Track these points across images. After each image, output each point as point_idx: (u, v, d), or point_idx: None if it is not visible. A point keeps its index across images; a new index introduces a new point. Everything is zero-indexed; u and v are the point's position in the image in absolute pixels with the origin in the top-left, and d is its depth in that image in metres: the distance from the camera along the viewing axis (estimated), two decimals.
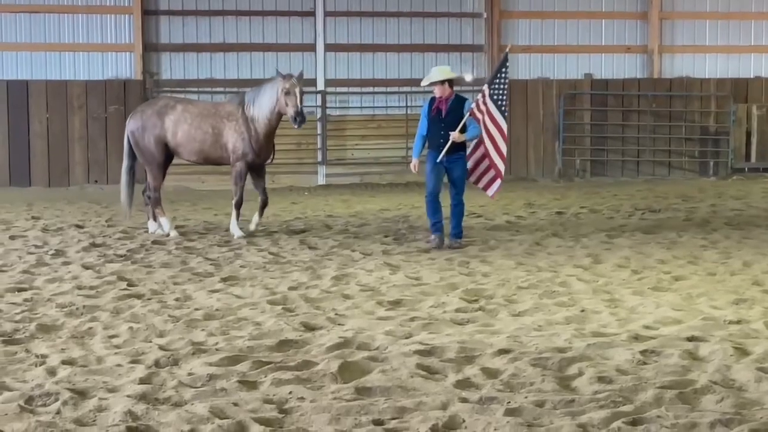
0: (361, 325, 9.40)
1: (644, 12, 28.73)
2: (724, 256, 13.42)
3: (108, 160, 25.27)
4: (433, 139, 13.91)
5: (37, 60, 26.17)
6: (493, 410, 6.76)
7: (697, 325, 9.29)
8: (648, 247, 14.29)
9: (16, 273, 12.25)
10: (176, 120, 15.58)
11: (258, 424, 6.50)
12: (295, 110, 14.39)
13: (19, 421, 6.55)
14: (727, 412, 6.72)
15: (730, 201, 20.36)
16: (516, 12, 28.55)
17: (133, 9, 26.34)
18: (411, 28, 28.00)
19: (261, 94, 15.16)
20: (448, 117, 13.71)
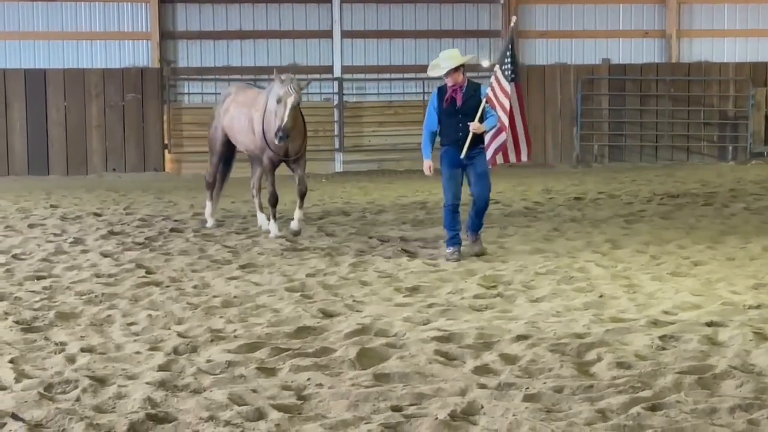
0: (379, 312, 9.40)
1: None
2: (744, 240, 13.37)
3: (125, 147, 25.32)
4: (450, 134, 12.00)
5: (55, 48, 26.17)
6: (512, 396, 6.76)
7: (717, 310, 9.26)
8: (667, 232, 14.25)
9: (35, 261, 12.30)
10: (226, 108, 15.16)
11: (276, 410, 6.50)
12: (278, 124, 13.16)
13: (39, 408, 6.57)
14: (747, 397, 6.70)
15: (749, 185, 20.29)
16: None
17: None
18: (427, 14, 27.96)
19: (271, 89, 14.10)
20: (464, 107, 11.80)
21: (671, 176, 22.98)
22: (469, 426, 6.22)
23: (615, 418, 6.34)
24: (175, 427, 6.21)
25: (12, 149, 24.90)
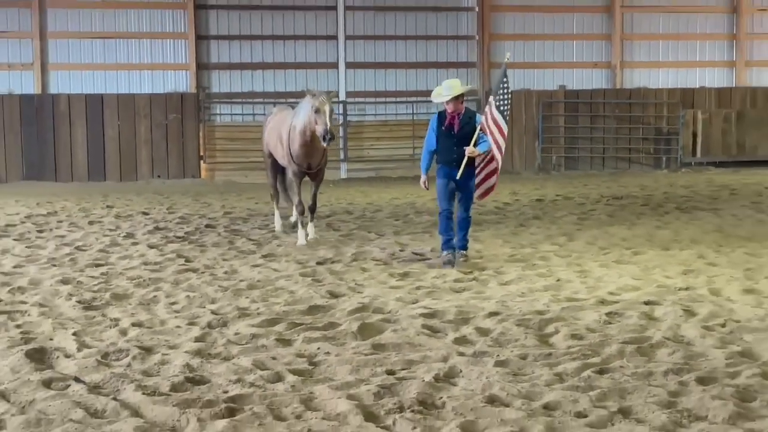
0: (376, 293, 9.43)
1: (608, 34, 28.66)
2: (675, 234, 13.39)
3: (168, 158, 25.33)
4: (446, 155, 11.13)
5: (110, 77, 26.24)
6: (485, 362, 6.79)
7: (653, 292, 9.30)
8: (612, 227, 14.26)
9: (94, 252, 12.29)
10: (267, 128, 14.33)
11: (292, 374, 6.53)
12: (324, 128, 11.86)
13: (97, 372, 6.59)
14: (678, 363, 6.74)
15: (679, 189, 20.30)
16: (502, 34, 28.49)
17: (188, 35, 26.41)
18: (416, 49, 28.01)
19: (301, 107, 12.75)
20: (460, 132, 11.00)
21: (616, 182, 22.99)
22: (450, 387, 6.23)
23: (570, 380, 6.36)
24: (209, 388, 6.23)
25: (75, 160, 24.89)
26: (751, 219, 15.03)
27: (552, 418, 5.54)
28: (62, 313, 8.57)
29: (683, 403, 5.79)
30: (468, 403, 5.83)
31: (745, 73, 29.73)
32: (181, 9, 26.51)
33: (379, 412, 5.69)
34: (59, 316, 8.47)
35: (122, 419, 5.59)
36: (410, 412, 5.69)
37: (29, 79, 25.83)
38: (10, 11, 25.55)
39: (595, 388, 6.10)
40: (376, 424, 5.47)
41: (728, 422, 5.45)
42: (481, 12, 28.25)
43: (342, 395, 5.97)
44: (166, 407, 5.76)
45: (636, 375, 6.42)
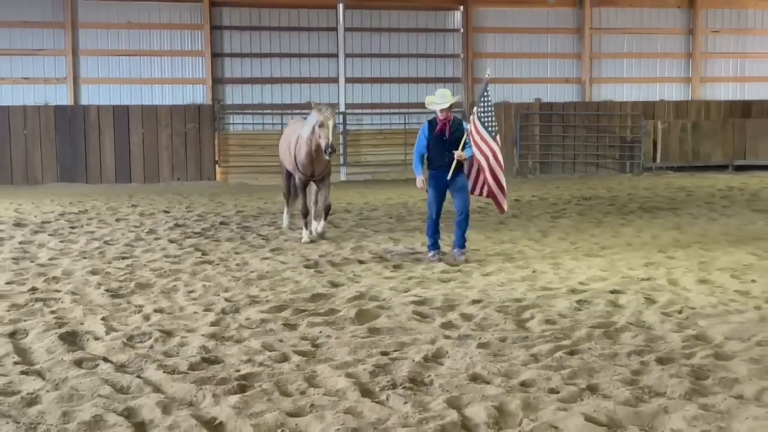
0: (372, 283, 9.43)
1: (579, 53, 28.72)
2: (638, 231, 13.42)
3: (187, 163, 25.35)
4: (438, 159, 10.84)
5: (135, 91, 26.32)
6: (469, 344, 6.81)
7: (618, 282, 9.33)
8: (582, 224, 14.27)
9: (121, 246, 12.28)
10: (282, 138, 13.87)
11: (297, 355, 6.54)
12: (326, 142, 11.54)
13: (123, 353, 6.60)
14: (640, 345, 6.77)
15: (641, 191, 20.34)
16: (485, 53, 28.54)
17: (205, 53, 26.48)
18: (408, 65, 28.07)
19: (307, 120, 12.44)
20: (450, 138, 10.77)
21: (585, 184, 23.02)
22: (437, 366, 6.25)
23: (543, 360, 6.38)
24: (222, 367, 6.24)
25: (104, 164, 24.90)
26: (705, 218, 15.06)
27: (528, 394, 5.56)
28: (92, 301, 8.58)
29: (644, 380, 5.81)
30: (453, 381, 5.85)
31: (699, 88, 29.83)
32: (199, 30, 26.65)
33: (374, 389, 5.71)
34: (89, 303, 8.47)
35: (145, 395, 5.60)
36: (402, 388, 5.70)
37: (63, 92, 25.95)
38: (45, 31, 25.76)
39: (566, 368, 6.12)
40: (372, 399, 5.48)
41: (684, 398, 5.47)
42: (466, 33, 28.33)
43: (341, 374, 5.98)
44: (184, 384, 5.77)
45: (602, 356, 6.44)
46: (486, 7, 28.59)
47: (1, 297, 8.70)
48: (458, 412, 5.21)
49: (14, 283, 9.48)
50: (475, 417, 5.13)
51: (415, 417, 5.14)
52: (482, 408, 5.23)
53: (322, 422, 5.06)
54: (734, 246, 11.80)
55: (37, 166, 24.61)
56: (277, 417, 5.14)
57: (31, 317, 7.82)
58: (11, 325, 7.51)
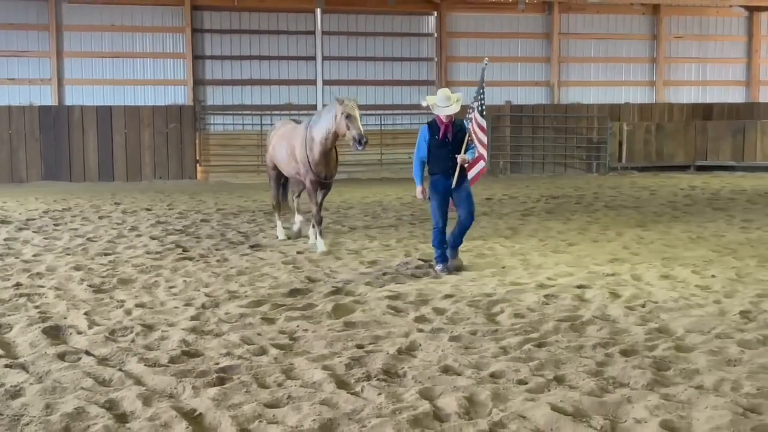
0: (348, 278, 9.43)
1: (548, 57, 28.85)
2: (603, 228, 13.50)
3: (169, 162, 25.26)
4: (441, 164, 9.74)
5: (119, 91, 26.21)
6: (441, 337, 6.82)
7: (584, 277, 9.38)
8: (550, 222, 14.33)
9: (103, 242, 12.20)
10: (271, 141, 12.51)
11: (275, 348, 6.53)
12: (357, 132, 10.45)
13: (105, 347, 6.57)
14: (604, 338, 6.81)
15: (607, 190, 20.46)
16: (458, 57, 28.60)
17: (186, 55, 26.40)
18: (384, 68, 28.09)
19: (320, 118, 11.25)
20: (453, 140, 9.69)
21: (554, 183, 23.11)
22: (411, 358, 6.26)
23: (513, 352, 6.41)
24: (202, 360, 6.22)
25: (87, 162, 24.75)
26: (668, 215, 15.18)
27: (497, 384, 5.58)
28: (75, 296, 8.51)
29: (609, 371, 5.85)
30: (426, 373, 5.86)
31: (663, 91, 30.06)
32: (180, 33, 26.56)
33: (350, 381, 5.71)
34: (72, 298, 8.41)
35: (126, 387, 5.57)
36: (376, 380, 5.70)
37: (47, 93, 25.81)
38: (30, 33, 25.62)
39: (534, 360, 6.14)
40: (347, 391, 5.48)
41: (647, 388, 5.51)
42: (440, 37, 28.36)
43: (318, 366, 5.97)
44: (165, 377, 5.75)
45: (569, 348, 6.48)
46: (459, 13, 28.64)
47: None
48: (430, 402, 5.22)
49: None
50: (446, 407, 5.15)
51: (388, 407, 5.14)
52: (453, 399, 5.25)
53: (298, 413, 5.05)
54: (695, 243, 11.90)
55: (21, 164, 24.42)
56: (255, 408, 5.13)
57: (15, 312, 7.75)
58: None
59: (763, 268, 9.84)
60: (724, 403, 5.16)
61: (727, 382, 5.59)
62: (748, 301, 8.09)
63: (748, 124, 27.00)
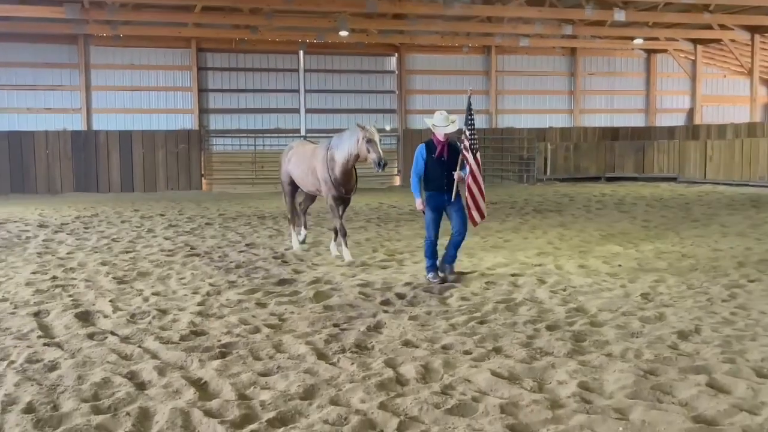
0: (326, 270, 9.40)
1: (487, 90, 29.04)
2: (532, 228, 13.59)
3: (179, 176, 25.08)
4: (437, 181, 8.68)
5: (137, 119, 26.02)
6: (402, 317, 6.82)
7: (517, 267, 9.43)
8: (490, 223, 14.35)
9: (125, 242, 12.07)
10: (290, 158, 11.16)
11: (267, 327, 6.50)
12: (377, 156, 9.55)
13: (126, 328, 6.49)
14: (533, 316, 6.85)
15: (535, 197, 20.62)
16: (415, 90, 28.68)
17: (193, 89, 26.26)
18: (354, 99, 28.12)
19: (342, 140, 10.14)
20: (448, 159, 8.68)
21: (493, 192, 23.13)
22: (378, 335, 6.25)
23: (460, 328, 6.42)
24: (207, 338, 6.16)
25: (111, 177, 24.47)
26: (584, 217, 15.32)
27: (448, 355, 5.59)
28: (102, 286, 8.40)
29: (537, 343, 5.89)
30: (390, 346, 5.86)
31: (579, 117, 30.42)
32: (188, 70, 26.46)
33: (328, 353, 5.69)
34: (100, 288, 8.30)
35: (144, 360, 5.51)
36: (350, 352, 5.69)
37: (78, 120, 25.57)
38: (63, 71, 25.46)
39: (477, 334, 6.17)
40: (326, 362, 5.47)
41: (567, 356, 5.56)
42: (400, 74, 28.45)
43: (302, 342, 5.95)
44: (176, 352, 5.69)
45: (505, 324, 6.51)
46: (415, 54, 28.75)
47: (28, 284, 8.49)
48: (394, 370, 5.23)
49: (38, 272, 9.26)
50: (406, 373, 5.15)
51: (360, 374, 5.14)
52: (412, 366, 5.25)
53: (286, 380, 5.03)
54: (605, 239, 12.03)
55: (56, 179, 24.11)
56: (251, 376, 5.10)
57: (51, 300, 7.64)
58: (35, 306, 7.33)
59: (659, 259, 9.97)
60: (629, 367, 5.22)
61: (631, 350, 5.65)
62: (648, 285, 8.20)
63: (646, 144, 27.37)
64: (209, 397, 4.77)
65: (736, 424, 4.19)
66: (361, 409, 4.49)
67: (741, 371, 5.09)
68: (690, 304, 7.24)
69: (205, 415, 4.39)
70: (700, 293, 7.73)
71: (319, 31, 25.78)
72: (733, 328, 6.30)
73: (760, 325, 6.36)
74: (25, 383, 4.98)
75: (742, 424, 4.17)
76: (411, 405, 4.52)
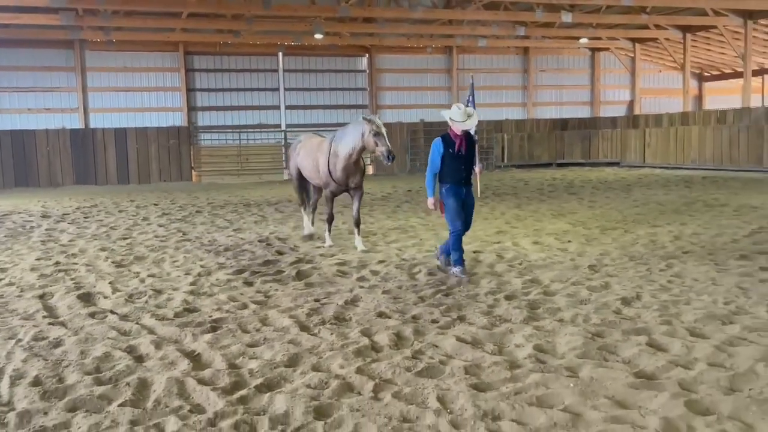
0: (307, 251, 9.36)
1: (449, 86, 29.02)
2: (491, 210, 13.64)
3: (170, 168, 24.73)
4: (456, 175, 7.60)
5: (131, 117, 25.72)
6: (376, 292, 6.82)
7: (478, 245, 9.47)
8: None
9: (122, 230, 11.90)
10: (298, 151, 10.42)
11: (253, 303, 6.46)
12: (386, 149, 8.69)
13: (125, 306, 6.42)
14: (493, 288, 6.89)
15: (494, 182, 20.69)
16: (384, 87, 28.62)
17: (181, 89, 26.00)
18: (329, 96, 28.00)
19: (345, 134, 9.26)
20: (466, 153, 7.66)
21: None
22: (354, 307, 6.25)
23: (428, 300, 6.44)
24: (199, 314, 6.11)
25: (108, 170, 24.07)
26: (537, 200, 15.42)
27: (417, 324, 5.61)
28: (101, 270, 8.29)
29: (496, 311, 5.93)
30: (366, 317, 5.87)
31: (532, 110, 30.58)
32: (177, 72, 26.20)
33: (310, 325, 5.68)
34: (99, 271, 8.18)
35: (142, 336, 5.45)
36: (329, 324, 5.69)
37: (75, 119, 25.22)
38: (61, 74, 25.15)
39: (443, 305, 6.19)
40: (308, 333, 5.46)
41: (523, 322, 5.61)
42: (371, 73, 28.34)
43: (286, 315, 5.93)
44: (171, 327, 5.64)
45: (468, 295, 6.55)
46: (384, 55, 28.65)
47: (33, 269, 8.35)
48: (369, 338, 5.24)
49: (42, 258, 9.10)
50: (380, 341, 5.16)
51: (338, 343, 5.14)
52: (386, 335, 5.27)
53: (272, 350, 5.02)
54: (557, 218, 12.12)
55: (57, 173, 23.68)
56: (240, 348, 5.08)
57: (55, 284, 7.53)
58: (40, 289, 7.21)
59: (604, 235, 10.08)
60: (578, 331, 5.28)
61: (580, 316, 5.72)
62: (594, 258, 8.29)
63: (592, 133, 27.61)
64: (202, 367, 4.74)
65: (672, 378, 4.27)
66: (340, 374, 4.49)
67: (677, 332, 5.19)
68: (632, 273, 7.34)
69: (199, 383, 4.37)
70: (640, 264, 7.83)
71: (296, 34, 25.55)
72: (670, 294, 6.40)
73: (693, 291, 6.48)
74: (32, 359, 4.91)
75: (678, 378, 4.26)
76: (385, 369, 4.53)
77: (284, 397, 4.08)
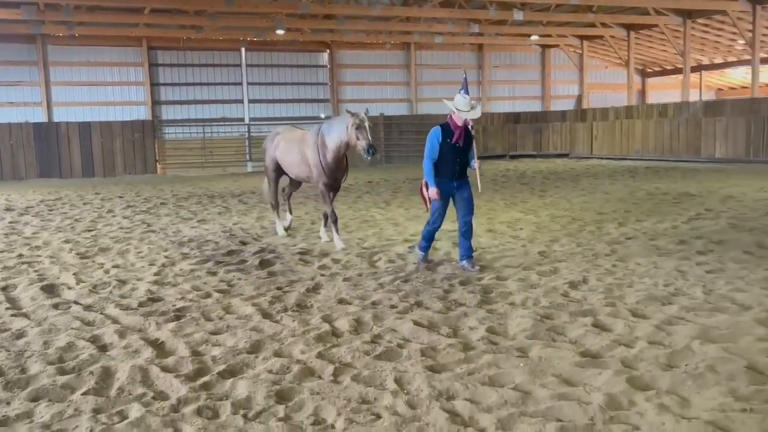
0: (270, 241, 9.28)
1: (408, 81, 29.06)
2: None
3: (135, 161, 24.17)
4: (450, 167, 7.09)
5: (95, 111, 25.15)
6: (337, 279, 6.80)
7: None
8: (412, 196, 14.43)
9: (87, 222, 11.62)
10: (276, 144, 9.57)
11: (217, 292, 6.38)
12: (367, 143, 8.04)
13: (89, 297, 6.27)
14: (449, 273, 6.92)
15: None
16: (345, 82, 28.48)
17: (145, 83, 25.51)
18: (291, 90, 27.78)
19: (332, 127, 8.54)
20: (464, 145, 7.13)
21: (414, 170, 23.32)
22: (316, 295, 6.22)
23: (387, 287, 6.44)
24: (163, 304, 6.01)
25: (73, 163, 23.42)
26: (491, 189, 15.52)
27: (376, 309, 5.61)
28: (65, 261, 8.08)
29: (452, 296, 5.97)
30: (327, 304, 5.84)
31: (487, 104, 30.77)
32: (140, 66, 25.67)
33: (272, 312, 5.64)
34: (64, 263, 7.98)
35: (106, 326, 5.33)
36: (291, 311, 5.65)
37: (39, 113, 24.55)
38: (23, 68, 24.53)
39: (401, 291, 6.20)
40: (270, 320, 5.42)
41: (477, 306, 5.65)
42: (332, 68, 28.17)
43: (249, 303, 5.88)
44: (135, 317, 5.54)
45: (425, 282, 6.57)
46: (345, 50, 28.49)
47: None
48: (330, 324, 5.22)
49: (5, 251, 8.83)
50: (341, 327, 5.15)
51: (300, 330, 5.11)
52: (346, 321, 5.26)
53: (235, 337, 4.96)
54: (509, 207, 12.23)
55: (21, 166, 22.97)
56: (203, 335, 5.01)
57: (18, 275, 7.31)
58: (3, 281, 6.99)
59: (553, 222, 10.22)
60: (528, 313, 5.35)
61: (530, 299, 5.79)
62: (544, 245, 8.40)
63: (543, 126, 27.96)
64: (166, 354, 4.66)
65: (616, 356, 4.36)
66: (302, 359, 4.47)
67: (620, 313, 5.29)
68: (579, 259, 7.46)
69: (162, 370, 4.29)
70: (587, 250, 7.97)
71: (258, 30, 25.24)
72: (614, 277, 6.53)
73: (636, 275, 6.62)
74: None
75: (621, 356, 4.35)
76: (345, 353, 4.52)
77: (246, 383, 4.04)
